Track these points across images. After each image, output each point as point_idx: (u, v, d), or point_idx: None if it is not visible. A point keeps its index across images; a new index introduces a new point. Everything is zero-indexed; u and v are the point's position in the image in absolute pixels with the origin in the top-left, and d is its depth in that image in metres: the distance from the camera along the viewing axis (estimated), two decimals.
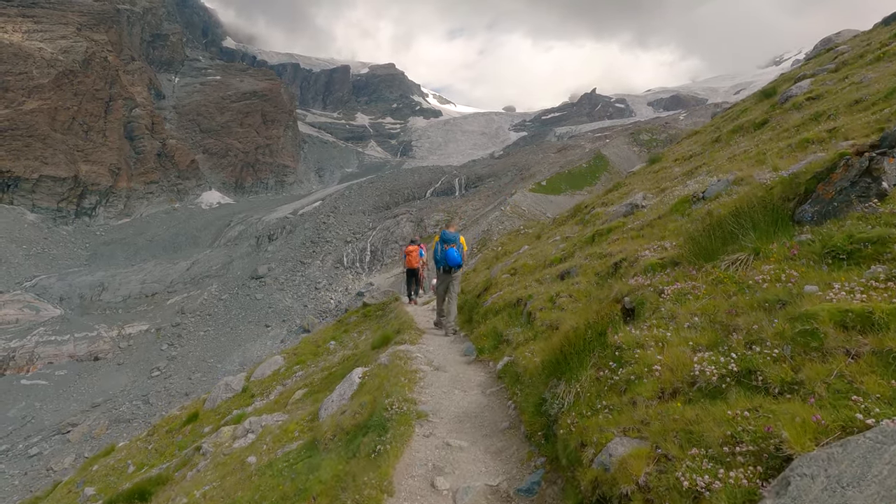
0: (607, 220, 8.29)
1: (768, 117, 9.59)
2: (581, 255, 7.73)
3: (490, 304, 8.45)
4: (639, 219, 7.43)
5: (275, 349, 61.25)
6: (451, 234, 10.03)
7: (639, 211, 7.60)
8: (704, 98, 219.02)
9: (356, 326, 15.09)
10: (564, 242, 9.49)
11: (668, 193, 7.89)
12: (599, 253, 6.80)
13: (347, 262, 77.85)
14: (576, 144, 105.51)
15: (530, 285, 7.80)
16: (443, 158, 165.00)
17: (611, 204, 11.40)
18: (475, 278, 13.77)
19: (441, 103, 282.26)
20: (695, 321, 3.45)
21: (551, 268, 8.24)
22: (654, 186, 10.04)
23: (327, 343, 14.37)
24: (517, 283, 8.74)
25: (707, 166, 8.85)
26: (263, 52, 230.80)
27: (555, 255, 8.72)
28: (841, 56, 10.73)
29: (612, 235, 7.45)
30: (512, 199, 61.54)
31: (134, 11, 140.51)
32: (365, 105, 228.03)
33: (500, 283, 9.23)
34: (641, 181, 11.96)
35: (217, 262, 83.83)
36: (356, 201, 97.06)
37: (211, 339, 65.76)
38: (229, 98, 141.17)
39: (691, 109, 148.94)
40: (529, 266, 9.30)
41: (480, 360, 7.09)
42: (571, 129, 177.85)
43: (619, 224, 7.61)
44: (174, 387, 55.68)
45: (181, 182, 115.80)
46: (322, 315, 66.87)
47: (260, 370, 14.67)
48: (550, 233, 13.81)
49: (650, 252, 5.50)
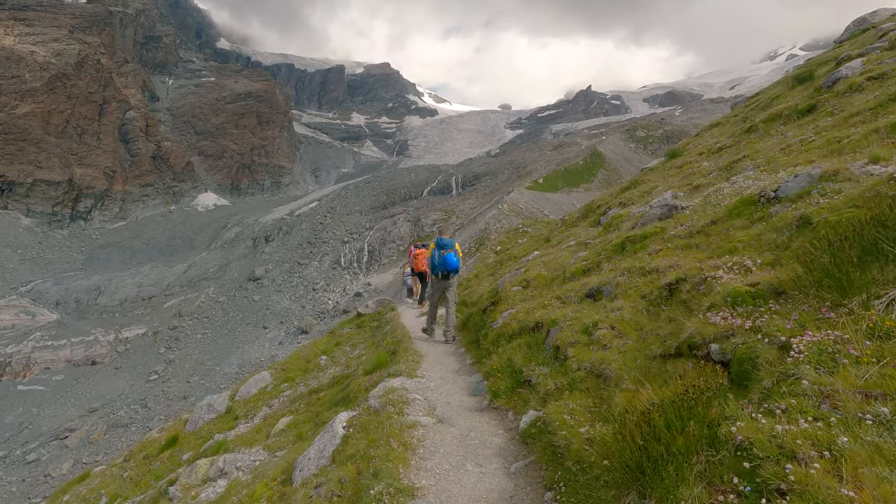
0: (636, 223, 7.03)
1: (815, 103, 8.39)
2: (611, 267, 6.43)
3: (501, 326, 7.14)
4: (681, 223, 6.17)
5: (273, 351, 61.17)
6: (447, 240, 9.89)
7: (680, 214, 6.34)
8: (700, 94, 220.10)
9: (349, 339, 13.91)
10: (584, 250, 8.15)
11: (710, 192, 6.63)
12: (640, 268, 5.48)
13: (345, 263, 77.50)
14: (572, 142, 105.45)
15: (550, 304, 6.54)
16: (439, 157, 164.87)
17: (630, 204, 10.15)
18: (478, 287, 12.55)
19: (437, 102, 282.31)
20: (881, 413, 2.05)
21: (573, 282, 6.95)
22: (683, 184, 8.79)
23: (318, 358, 13.20)
24: (532, 299, 7.46)
25: (751, 159, 7.64)
26: (258, 53, 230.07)
27: (575, 265, 7.35)
28: (890, 34, 9.53)
29: (650, 244, 6.17)
30: (509, 198, 61.01)
31: (126, 13, 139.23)
32: (360, 105, 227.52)
33: (510, 297, 7.94)
34: (664, 178, 10.72)
35: (214, 265, 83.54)
36: (353, 201, 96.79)
37: (209, 341, 65.21)
38: (224, 99, 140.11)
39: (687, 105, 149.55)
40: (544, 278, 8.00)
41: (495, 406, 5.57)
42: (567, 127, 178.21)
43: (656, 230, 6.29)
44: (172, 390, 55.17)
45: (176, 184, 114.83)
46: (320, 316, 66.91)
47: (245, 388, 13.52)
48: (561, 236, 12.51)
49: (725, 272, 4.22)
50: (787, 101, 9.96)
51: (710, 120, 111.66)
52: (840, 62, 9.87)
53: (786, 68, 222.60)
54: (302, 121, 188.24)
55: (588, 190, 71.00)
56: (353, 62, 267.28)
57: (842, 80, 8.61)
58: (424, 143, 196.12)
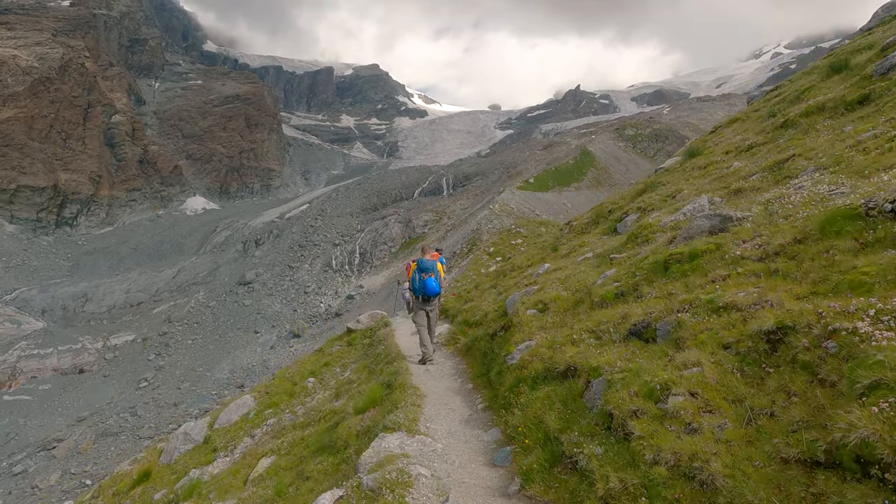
0: (677, 237, 5.83)
1: (867, 93, 7.32)
2: (656, 293, 5.12)
3: (520, 364, 5.80)
4: (744, 239, 4.91)
5: (265, 355, 60.72)
6: (428, 263, 9.59)
7: (737, 227, 5.16)
8: (687, 92, 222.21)
9: (339, 358, 12.70)
10: (609, 265, 6.86)
11: (769, 199, 5.37)
12: (707, 302, 4.14)
13: (336, 265, 77.06)
14: (562, 141, 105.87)
15: (581, 339, 5.31)
16: (430, 158, 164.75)
17: (652, 210, 8.96)
18: (481, 302, 11.33)
19: (426, 103, 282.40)
20: None
21: (606, 309, 5.68)
22: (716, 187, 7.63)
23: (305, 380, 12.00)
24: (554, 328, 6.22)
25: (806, 159, 6.51)
26: (245, 56, 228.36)
27: (604, 287, 5.96)
28: None
29: (706, 266, 4.86)
30: (500, 198, 60.67)
31: (111, 16, 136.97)
32: (350, 106, 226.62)
33: (526, 323, 6.69)
34: (686, 180, 9.55)
35: (203, 269, 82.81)
36: (343, 203, 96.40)
37: (199, 347, 64.34)
38: (211, 102, 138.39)
39: (674, 104, 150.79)
40: (565, 300, 6.75)
41: (528, 495, 4.12)
42: (557, 126, 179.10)
43: (709, 247, 4.97)
44: (162, 397, 54.33)
45: (164, 189, 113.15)
46: (312, 319, 66.64)
47: (226, 414, 12.31)
48: (571, 244, 11.22)
49: (871, 324, 2.86)
50: (826, 93, 8.90)
51: (698, 118, 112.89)
52: (886, 48, 8.83)
53: (771, 66, 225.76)
54: (291, 123, 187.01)
55: (578, 189, 71.22)
56: (341, 64, 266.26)
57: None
58: (415, 144, 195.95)
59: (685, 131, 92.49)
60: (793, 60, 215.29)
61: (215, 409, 16.39)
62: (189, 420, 49.44)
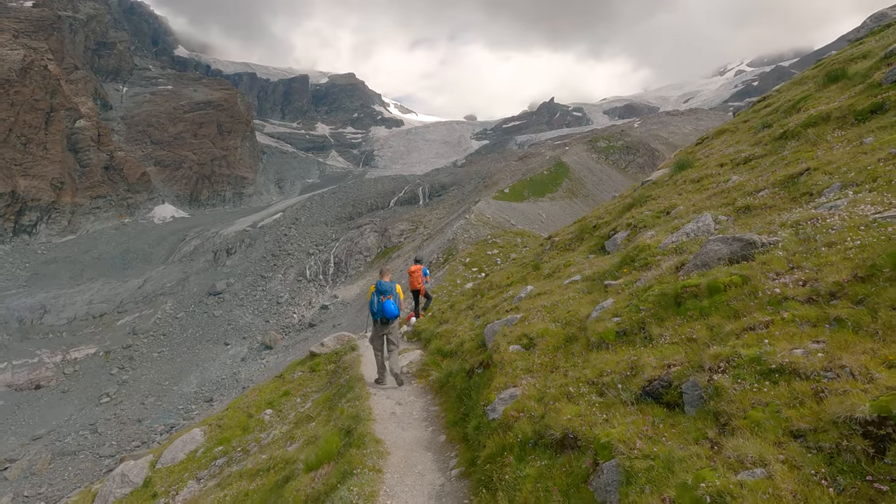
0: (685, 264, 4.82)
1: (881, 101, 6.65)
2: (670, 337, 4.03)
3: (503, 420, 4.73)
4: (778, 272, 3.75)
5: (235, 368, 59.10)
6: (386, 285, 9.66)
7: (766, 255, 4.21)
8: (656, 106, 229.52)
9: (300, 386, 11.51)
10: (604, 294, 5.78)
11: (799, 221, 4.44)
12: (757, 362, 3.21)
13: (310, 275, 76.12)
14: (536, 152, 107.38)
15: (579, 392, 4.18)
16: (406, 167, 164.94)
17: (644, 227, 8.03)
18: (457, 326, 10.23)
19: (402, 112, 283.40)
20: None
21: (606, 352, 4.56)
22: (719, 204, 6.75)
23: (262, 412, 10.77)
24: (543, 372, 5.12)
25: (826, 173, 5.67)
26: (218, 62, 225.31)
27: (601, 322, 5.16)
28: None
29: (732, 303, 3.76)
30: (476, 208, 60.51)
31: (77, 19, 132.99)
32: (325, 115, 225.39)
33: (508, 363, 5.58)
34: (679, 194, 8.71)
35: (171, 279, 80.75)
36: (318, 212, 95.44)
37: (166, 360, 62.39)
38: (182, 108, 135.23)
39: (644, 117, 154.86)
40: (555, 336, 5.69)
41: None
42: (532, 137, 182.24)
43: (733, 279, 3.93)
44: (126, 413, 52.45)
45: (131, 196, 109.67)
46: (285, 330, 65.58)
47: (171, 451, 10.98)
48: (554, 263, 10.17)
49: None
50: (828, 103, 8.29)
51: (667, 132, 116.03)
52: (890, 55, 8.22)
53: (735, 83, 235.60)
54: (265, 130, 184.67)
55: (553, 200, 72.11)
56: (317, 72, 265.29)
57: None
58: (391, 153, 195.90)
59: (655, 144, 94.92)
60: (755, 78, 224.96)
61: (162, 442, 14.97)
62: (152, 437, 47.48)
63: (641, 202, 10.00)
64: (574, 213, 66.65)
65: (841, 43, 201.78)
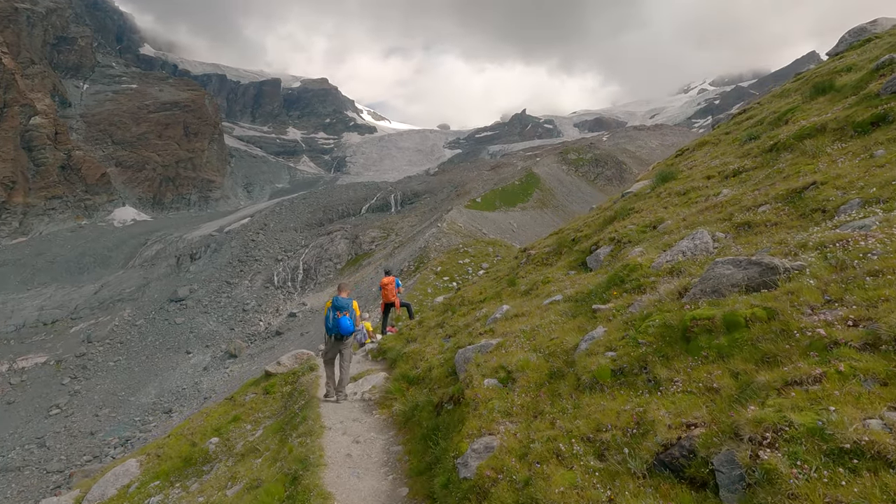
0: (689, 289, 4.10)
1: (883, 112, 6.19)
2: (682, 383, 3.13)
3: (476, 481, 3.65)
4: (812, 306, 3.17)
5: (197, 378, 57.07)
6: (343, 301, 9.56)
7: (792, 284, 3.54)
8: (624, 121, 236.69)
9: (252, 411, 10.39)
10: (592, 321, 4.98)
11: (822, 243, 3.73)
12: (818, 435, 2.39)
13: (278, 282, 74.30)
14: (508, 162, 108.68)
15: (575, 456, 3.11)
16: (378, 174, 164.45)
17: (628, 241, 7.40)
18: (425, 346, 9.37)
19: (376, 119, 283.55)
20: None
21: (601, 396, 3.58)
22: (714, 219, 6.11)
23: (207, 441, 9.62)
24: (525, 417, 4.10)
25: (838, 188, 5.06)
26: (186, 62, 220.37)
27: (594, 358, 4.43)
28: None
29: (760, 344, 3.02)
30: (448, 216, 60.30)
31: (35, 11, 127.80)
32: (297, 119, 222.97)
33: (483, 402, 4.60)
34: (665, 207, 8.08)
35: (131, 285, 77.92)
36: (287, 218, 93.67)
37: (122, 369, 59.85)
38: (147, 108, 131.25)
39: (613, 131, 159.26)
40: (536, 369, 4.79)
41: None
42: (504, 148, 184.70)
43: (756, 312, 3.43)
44: (77, 426, 50.04)
45: (89, 197, 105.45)
46: (251, 339, 63.97)
47: (100, 486, 9.71)
48: (531, 278, 9.41)
49: None
50: (819, 114, 7.86)
51: (635, 146, 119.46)
52: (881, 67, 7.85)
53: (698, 101, 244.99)
54: (234, 133, 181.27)
55: (524, 210, 72.80)
56: (289, 76, 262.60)
57: None
58: (363, 159, 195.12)
59: (623, 157, 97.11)
60: (717, 97, 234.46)
61: (91, 474, 13.59)
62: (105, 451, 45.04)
63: (624, 215, 9.42)
64: (544, 223, 67.02)
65: (796, 66, 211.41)
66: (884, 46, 9.85)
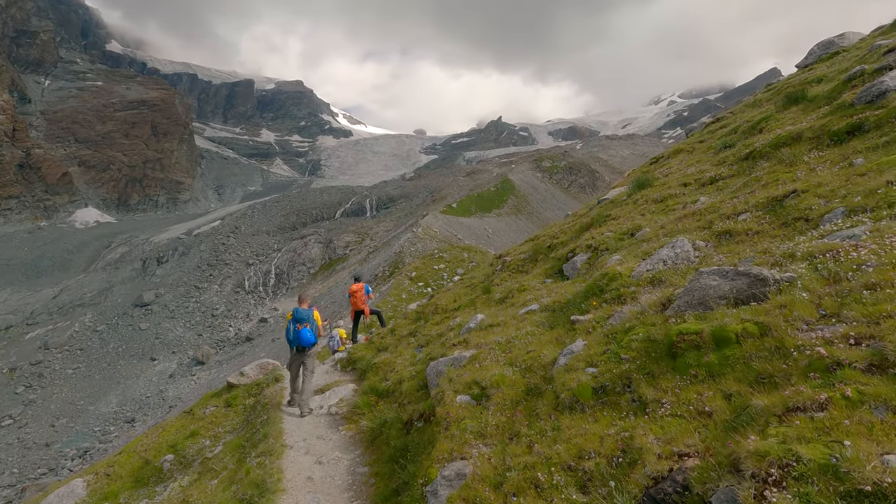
0: (672, 300, 3.88)
1: (859, 122, 6.15)
2: (670, 406, 2.84)
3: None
4: (807, 321, 3.07)
5: (162, 386, 55.50)
6: (303, 313, 9.49)
7: (786, 295, 3.23)
8: (597, 130, 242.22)
9: (212, 425, 9.78)
10: (572, 333, 4.75)
11: (808, 253, 3.56)
12: (830, 472, 2.05)
13: (249, 287, 72.81)
14: (484, 169, 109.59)
15: (555, 487, 2.81)
16: (353, 179, 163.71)
17: (606, 248, 7.20)
18: (396, 356, 8.98)
19: (352, 123, 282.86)
20: None
21: (582, 418, 3.48)
22: (693, 227, 5.93)
23: (161, 459, 8.99)
24: (501, 439, 3.80)
25: (815, 195, 4.90)
26: (155, 60, 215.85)
27: (572, 373, 4.15)
28: None
29: (752, 363, 2.69)
30: (424, 221, 60.13)
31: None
32: (271, 121, 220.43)
33: (455, 421, 4.25)
34: (643, 214, 7.91)
35: (92, 289, 75.45)
36: (260, 221, 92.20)
37: (82, 377, 57.77)
38: (113, 106, 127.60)
39: (586, 140, 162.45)
40: (513, 387, 4.42)
41: None
42: (480, 154, 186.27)
43: (748, 328, 3.21)
44: (31, 437, 48.16)
45: (49, 197, 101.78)
46: (219, 345, 62.66)
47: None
48: (507, 285, 9.14)
49: None
50: (794, 123, 7.84)
51: (607, 154, 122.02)
52: (853, 78, 7.89)
53: (667, 112, 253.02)
54: (205, 134, 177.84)
55: (499, 216, 73.18)
56: (263, 77, 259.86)
57: (891, 94, 6.48)
58: (338, 163, 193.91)
59: (596, 165, 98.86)
60: (685, 109, 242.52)
61: (45, 488, 12.72)
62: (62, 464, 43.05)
63: (601, 222, 9.25)
64: (519, 229, 67.36)
65: (758, 81, 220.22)
66: (852, 59, 10.00)
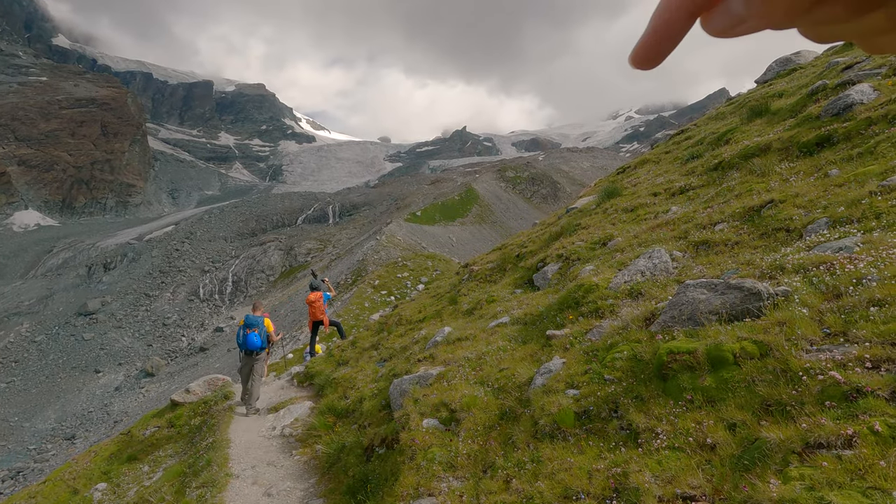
0: (657, 315, 3.60)
1: (827, 134, 6.11)
2: (668, 437, 2.36)
3: None
4: (811, 340, 2.75)
5: (107, 400, 53.03)
6: (254, 319, 9.91)
7: (783, 311, 2.98)
8: (559, 142, 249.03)
9: (152, 448, 8.90)
10: (548, 349, 4.37)
11: (795, 265, 3.36)
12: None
13: (204, 295, 70.51)
14: (448, 178, 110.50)
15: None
16: (316, 185, 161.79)
17: (577, 258, 6.95)
18: (357, 371, 8.37)
19: (315, 129, 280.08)
20: None
21: (567, 450, 2.78)
22: (668, 237, 5.70)
23: (92, 488, 8.06)
24: (473, 473, 3.35)
25: (794, 205, 4.73)
26: (106, 56, 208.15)
27: (551, 396, 3.77)
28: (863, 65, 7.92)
29: (756, 387, 2.35)
30: (387, 229, 59.65)
31: None
32: (230, 125, 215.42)
33: (421, 449, 3.64)
34: (613, 224, 7.69)
35: (31, 296, 71.28)
36: (217, 227, 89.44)
37: (17, 391, 54.72)
38: (58, 103, 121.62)
39: (548, 152, 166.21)
40: (484, 408, 3.98)
41: None
42: (444, 163, 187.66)
43: (747, 348, 2.89)
44: None
45: None
46: (171, 355, 60.35)
47: None
48: (475, 296, 8.75)
49: None
50: (761, 135, 7.86)
51: (568, 166, 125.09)
52: (815, 92, 7.99)
53: (625, 127, 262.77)
54: (159, 136, 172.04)
55: (463, 224, 73.57)
56: (223, 79, 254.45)
57: (857, 107, 6.50)
58: (300, 169, 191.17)
59: (557, 177, 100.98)
60: (642, 124, 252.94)
61: (5, 492, 11.48)
62: None
63: (571, 231, 9.04)
64: (483, 238, 67.66)
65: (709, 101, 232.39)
66: (811, 75, 10.24)
